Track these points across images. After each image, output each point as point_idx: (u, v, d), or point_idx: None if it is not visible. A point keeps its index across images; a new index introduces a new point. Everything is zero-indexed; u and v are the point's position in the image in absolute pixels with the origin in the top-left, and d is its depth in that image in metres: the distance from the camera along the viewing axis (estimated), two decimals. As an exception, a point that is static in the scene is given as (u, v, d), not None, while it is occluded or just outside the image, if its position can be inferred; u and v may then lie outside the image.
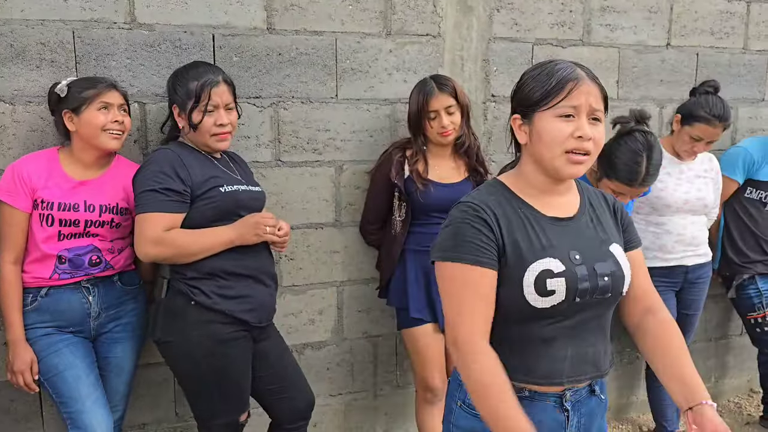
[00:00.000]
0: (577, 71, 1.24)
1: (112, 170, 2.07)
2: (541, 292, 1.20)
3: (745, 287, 2.91)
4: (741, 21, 3.05)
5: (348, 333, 2.67)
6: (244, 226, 1.96)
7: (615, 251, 1.30)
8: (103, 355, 2.08)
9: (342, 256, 2.59)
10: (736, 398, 3.45)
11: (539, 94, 1.23)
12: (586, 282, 1.22)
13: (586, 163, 1.24)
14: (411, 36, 2.53)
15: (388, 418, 2.79)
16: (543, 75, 1.25)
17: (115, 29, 2.16)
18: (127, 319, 2.12)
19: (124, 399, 2.15)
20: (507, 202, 1.28)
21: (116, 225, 2.04)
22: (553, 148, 1.22)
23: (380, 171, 2.39)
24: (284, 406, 2.16)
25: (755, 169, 2.85)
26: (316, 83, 2.43)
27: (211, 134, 1.98)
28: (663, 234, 2.69)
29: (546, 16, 2.72)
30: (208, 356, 1.94)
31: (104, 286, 2.05)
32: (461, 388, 1.32)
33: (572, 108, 1.21)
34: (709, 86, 2.62)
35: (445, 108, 2.28)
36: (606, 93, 1.27)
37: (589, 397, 1.33)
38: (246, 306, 1.99)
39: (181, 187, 1.91)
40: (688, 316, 2.84)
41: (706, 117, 2.54)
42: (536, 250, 1.23)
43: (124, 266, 2.11)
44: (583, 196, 1.37)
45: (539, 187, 1.29)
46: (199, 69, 2.00)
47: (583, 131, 1.20)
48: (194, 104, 1.95)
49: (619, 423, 3.19)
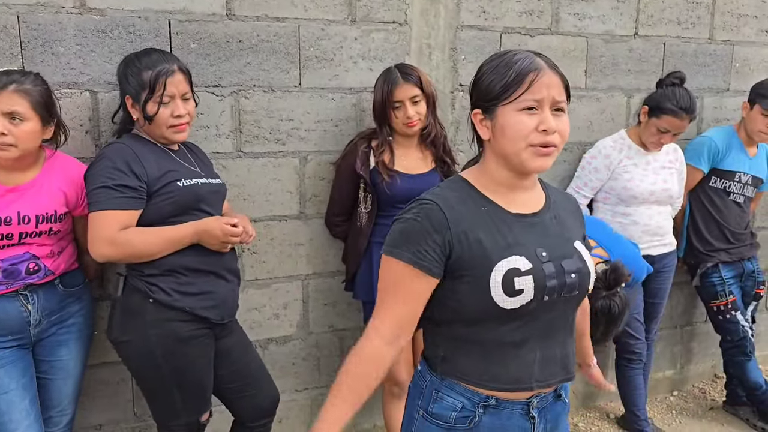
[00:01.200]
0: (537, 61, 1.19)
1: (45, 171, 1.89)
2: (509, 292, 1.16)
3: (709, 275, 2.94)
4: (707, 11, 3.05)
5: (314, 327, 2.62)
6: (208, 235, 1.88)
7: (579, 248, 1.28)
8: (46, 358, 1.97)
9: (307, 248, 2.53)
10: (700, 384, 3.51)
11: (499, 88, 1.19)
12: (554, 279, 1.19)
13: (553, 155, 1.20)
14: (377, 23, 2.47)
15: (355, 413, 2.75)
16: (501, 67, 1.20)
17: (64, 14, 2.05)
18: (71, 320, 2.01)
19: (73, 402, 2.05)
20: (470, 199, 1.24)
21: (55, 233, 1.91)
22: (518, 143, 1.18)
23: (345, 162, 2.34)
24: (247, 404, 2.12)
25: (720, 159, 2.87)
26: (278, 71, 2.35)
27: (167, 126, 1.89)
28: (629, 224, 2.70)
29: (514, 4, 2.68)
30: (168, 355, 1.88)
31: (45, 292, 1.92)
32: (423, 395, 1.28)
33: (535, 101, 1.17)
34: (675, 77, 2.62)
35: (410, 98, 2.23)
36: (567, 82, 1.22)
37: (554, 402, 1.31)
38: (207, 303, 1.92)
39: (136, 182, 1.82)
40: (654, 304, 2.88)
41: (673, 109, 2.54)
42: (501, 248, 1.19)
43: (67, 268, 1.99)
44: (547, 192, 1.34)
45: (503, 183, 1.25)
46: (152, 57, 1.89)
47: (547, 124, 1.16)
48: (148, 95, 1.85)
49: (587, 411, 3.21)
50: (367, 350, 1.22)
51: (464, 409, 1.23)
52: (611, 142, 2.73)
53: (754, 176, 2.93)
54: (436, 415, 1.25)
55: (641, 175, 2.68)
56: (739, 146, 2.91)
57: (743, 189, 2.92)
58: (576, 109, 2.88)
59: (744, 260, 2.98)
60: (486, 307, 1.17)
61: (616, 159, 2.68)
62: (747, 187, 2.92)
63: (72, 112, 2.11)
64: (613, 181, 2.69)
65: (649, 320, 2.89)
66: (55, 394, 1.99)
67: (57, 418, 2.01)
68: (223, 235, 1.89)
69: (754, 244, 3.02)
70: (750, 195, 2.95)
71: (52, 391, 1.98)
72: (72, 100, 2.11)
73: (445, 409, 1.25)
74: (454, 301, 1.21)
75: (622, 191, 2.67)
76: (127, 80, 1.89)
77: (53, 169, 1.91)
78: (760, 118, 2.77)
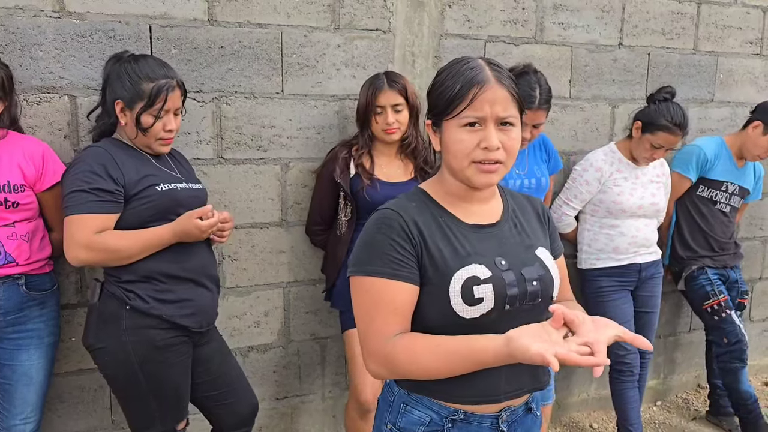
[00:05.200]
0: (483, 73, 1.15)
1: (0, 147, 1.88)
2: (469, 301, 1.14)
3: (696, 278, 2.93)
4: (691, 22, 3.07)
5: (295, 335, 2.60)
6: (187, 236, 1.87)
7: (542, 255, 1.26)
8: (6, 362, 1.94)
9: (288, 256, 2.52)
10: (683, 394, 3.52)
11: (444, 102, 1.18)
12: (515, 288, 1.17)
13: (499, 171, 1.18)
14: (360, 31, 2.47)
15: (336, 420, 2.74)
16: (450, 77, 1.18)
17: (42, 17, 2.03)
18: (31, 325, 1.97)
19: (37, 409, 2.01)
20: (427, 209, 1.23)
21: (13, 204, 1.87)
22: (461, 160, 1.17)
23: (326, 169, 2.33)
24: (226, 413, 2.10)
25: (708, 168, 2.89)
26: (260, 78, 2.34)
27: (156, 138, 1.89)
28: (617, 236, 2.71)
29: (499, 13, 2.68)
30: (144, 363, 1.85)
31: (5, 290, 1.89)
32: (391, 409, 1.26)
33: (476, 118, 1.15)
34: (666, 92, 2.63)
35: (393, 105, 2.23)
36: (517, 93, 1.18)
37: (525, 415, 1.29)
38: (186, 311, 1.90)
39: (112, 186, 1.80)
40: (647, 314, 2.85)
41: (668, 126, 2.55)
42: (461, 257, 1.17)
43: (30, 265, 1.93)
44: (506, 201, 1.32)
45: (458, 194, 1.24)
46: (151, 66, 1.87)
47: (488, 142, 1.14)
48: (146, 107, 1.84)
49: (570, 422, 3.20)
50: (406, 338, 1.14)
51: (432, 423, 1.22)
52: (602, 155, 2.73)
53: (741, 187, 2.94)
54: (404, 429, 1.23)
55: (630, 189, 2.69)
56: (727, 156, 2.92)
57: (730, 199, 2.93)
58: (560, 119, 2.88)
59: (728, 268, 2.98)
60: (446, 317, 1.15)
61: (607, 172, 2.69)
62: (734, 197, 2.94)
63: (50, 116, 2.09)
64: (603, 194, 2.70)
65: (644, 331, 2.84)
66: (18, 401, 1.95)
67: (21, 426, 1.97)
68: (201, 232, 1.87)
69: (737, 253, 3.02)
70: (736, 205, 2.96)
71: (15, 398, 1.95)
72: (51, 104, 2.09)
73: (412, 423, 1.23)
74: (416, 312, 1.19)
75: (612, 204, 2.68)
76: (122, 84, 1.85)
77: (7, 145, 1.89)
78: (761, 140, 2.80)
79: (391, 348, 1.13)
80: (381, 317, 1.15)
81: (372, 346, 1.15)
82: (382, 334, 1.14)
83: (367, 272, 1.16)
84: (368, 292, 1.16)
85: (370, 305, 1.16)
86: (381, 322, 1.14)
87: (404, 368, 1.13)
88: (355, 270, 1.18)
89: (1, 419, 1.97)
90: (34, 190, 1.92)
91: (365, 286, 1.16)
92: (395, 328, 1.15)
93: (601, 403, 3.27)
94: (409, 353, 1.12)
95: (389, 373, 1.17)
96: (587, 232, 2.78)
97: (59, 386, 2.24)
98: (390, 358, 1.13)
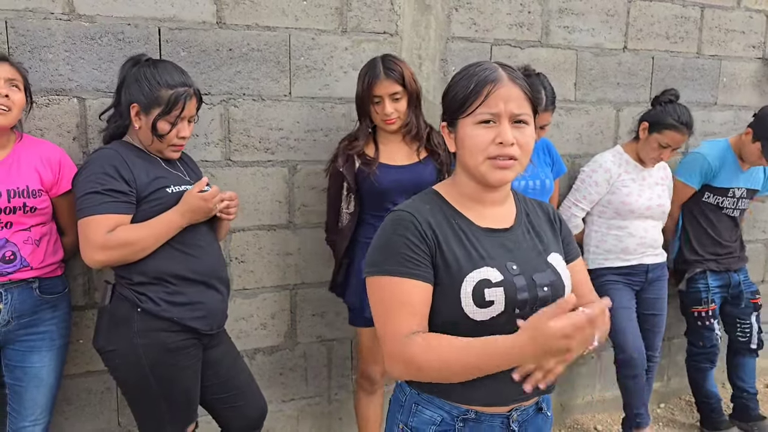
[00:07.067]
0: (497, 73, 1.18)
1: (15, 152, 1.89)
2: (479, 303, 1.15)
3: (696, 281, 2.96)
4: (695, 26, 3.09)
5: (301, 337, 2.60)
6: (196, 214, 1.87)
7: (554, 261, 1.27)
8: (18, 363, 1.94)
9: (295, 258, 2.52)
10: (687, 396, 3.51)
11: (459, 101, 1.20)
12: (525, 293, 1.18)
13: (514, 168, 1.19)
14: (368, 34, 2.47)
15: (342, 423, 2.74)
16: (464, 79, 1.21)
17: (52, 20, 2.04)
18: (44, 327, 1.97)
19: (47, 411, 2.01)
20: (441, 211, 1.24)
21: (31, 209, 1.88)
22: (476, 156, 1.18)
23: (333, 168, 2.30)
24: (235, 416, 2.10)
25: (712, 176, 2.90)
26: (268, 80, 2.35)
27: (169, 144, 1.90)
28: (625, 237, 2.73)
29: (504, 16, 2.69)
30: (155, 365, 1.85)
31: (20, 293, 1.89)
32: (402, 409, 1.27)
33: (491, 114, 1.17)
34: (671, 95, 2.68)
35: (390, 94, 2.16)
36: (530, 93, 1.21)
37: (536, 415, 1.29)
38: (197, 313, 1.90)
39: (125, 187, 1.81)
40: (654, 316, 2.87)
41: (674, 124, 2.59)
42: (474, 259, 1.18)
43: (44, 268, 1.94)
44: (519, 206, 1.33)
45: (472, 196, 1.25)
46: (170, 72, 1.88)
47: (503, 137, 1.16)
48: (163, 113, 1.85)
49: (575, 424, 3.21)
50: (423, 337, 1.12)
51: (443, 423, 1.22)
52: (611, 157, 2.76)
53: (749, 189, 2.95)
54: (416, 429, 1.24)
55: (639, 190, 2.72)
56: (732, 161, 2.91)
57: (737, 203, 2.94)
58: (565, 122, 2.90)
59: (731, 271, 2.99)
60: (456, 318, 1.16)
61: (615, 173, 2.72)
62: (742, 201, 2.95)
63: (59, 118, 2.10)
64: (611, 195, 2.72)
65: (652, 334, 2.87)
66: (28, 402, 1.95)
67: (30, 428, 1.97)
68: (206, 202, 1.87)
69: (742, 256, 3.04)
70: (744, 207, 2.98)
71: (26, 399, 1.95)
72: (60, 106, 2.09)
73: (424, 423, 1.24)
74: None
75: (621, 205, 2.70)
76: (140, 88, 1.86)
77: (24, 149, 1.91)
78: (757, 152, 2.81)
79: (409, 346, 1.13)
80: (397, 316, 1.15)
81: (390, 345, 1.16)
82: (400, 332, 1.14)
83: (383, 272, 1.17)
84: (384, 291, 1.17)
85: (386, 304, 1.16)
86: (398, 321, 1.15)
87: (423, 365, 1.12)
88: (371, 271, 1.19)
89: (11, 421, 1.97)
90: (49, 194, 1.93)
91: (381, 286, 1.17)
92: (412, 327, 1.15)
93: (605, 405, 3.27)
94: (428, 350, 1.11)
95: (408, 370, 1.15)
96: (595, 234, 2.80)
97: (67, 388, 2.23)
98: (408, 356, 1.13)
